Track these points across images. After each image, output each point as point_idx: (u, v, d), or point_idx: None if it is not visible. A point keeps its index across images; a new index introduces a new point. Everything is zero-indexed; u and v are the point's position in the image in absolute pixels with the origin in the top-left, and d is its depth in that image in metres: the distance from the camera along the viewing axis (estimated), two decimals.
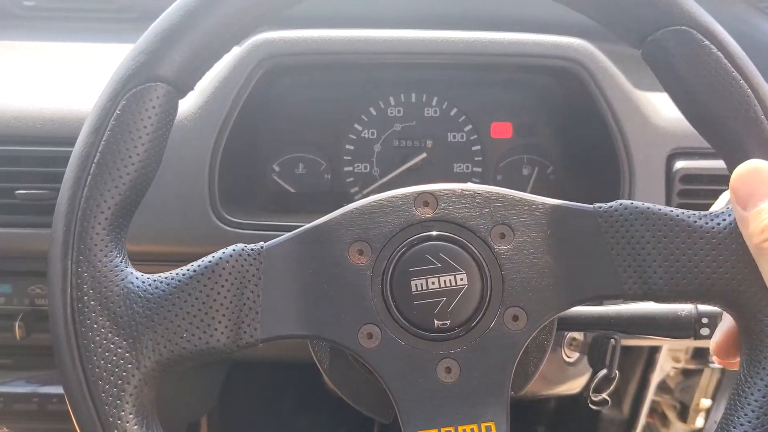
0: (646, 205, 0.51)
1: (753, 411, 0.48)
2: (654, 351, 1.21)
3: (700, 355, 1.24)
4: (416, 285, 0.51)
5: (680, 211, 0.51)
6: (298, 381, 1.44)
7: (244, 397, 1.44)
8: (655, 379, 1.26)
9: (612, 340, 0.79)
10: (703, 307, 0.66)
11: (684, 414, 1.39)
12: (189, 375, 1.20)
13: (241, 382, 1.41)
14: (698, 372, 1.31)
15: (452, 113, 0.98)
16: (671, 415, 1.43)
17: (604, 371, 0.80)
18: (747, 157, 0.49)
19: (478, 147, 0.98)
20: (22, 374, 1.00)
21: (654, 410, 1.45)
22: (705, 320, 0.66)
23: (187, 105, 0.82)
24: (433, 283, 0.51)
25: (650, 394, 1.29)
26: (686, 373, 1.35)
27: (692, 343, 1.15)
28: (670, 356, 1.25)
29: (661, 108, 0.85)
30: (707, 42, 0.49)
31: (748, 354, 0.50)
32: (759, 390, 0.48)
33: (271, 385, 1.48)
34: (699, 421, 1.38)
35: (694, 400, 1.35)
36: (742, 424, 0.48)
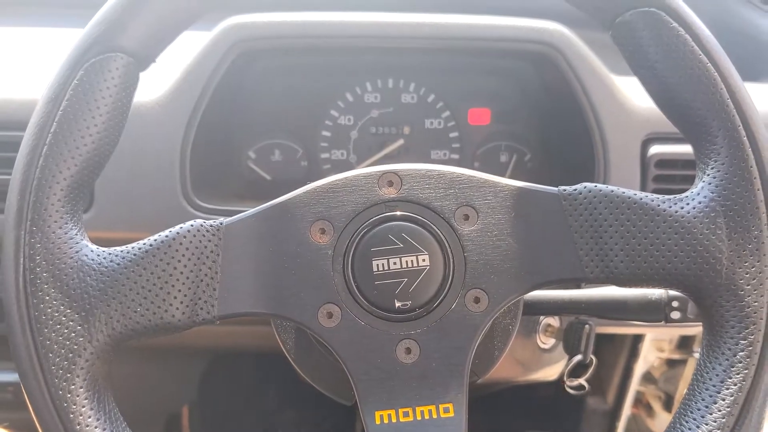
0: (611, 188, 0.51)
1: (711, 396, 0.47)
2: (637, 341, 1.20)
3: (684, 345, 1.24)
4: (378, 265, 0.51)
5: (644, 194, 0.50)
6: (280, 373, 1.44)
7: (226, 388, 1.43)
8: (639, 369, 1.26)
9: (587, 326, 0.79)
10: (675, 291, 0.66)
11: (669, 404, 1.39)
12: (166, 366, 1.20)
13: (223, 373, 1.40)
14: (682, 362, 1.31)
15: (430, 99, 0.97)
16: (656, 406, 1.43)
17: (578, 357, 0.80)
18: (713, 141, 0.49)
19: (456, 133, 0.97)
20: None
21: (639, 400, 1.45)
22: (675, 304, 0.66)
23: (157, 89, 0.82)
24: (394, 263, 0.51)
25: (634, 385, 1.29)
26: (670, 363, 1.35)
27: (665, 329, 1.15)
28: (654, 346, 1.25)
29: (637, 93, 0.85)
30: (675, 24, 0.49)
31: (708, 339, 0.49)
32: (717, 375, 0.48)
33: (254, 376, 1.48)
34: None
35: (679, 391, 1.35)
36: (699, 409, 0.48)
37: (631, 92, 0.85)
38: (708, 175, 0.49)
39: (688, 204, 0.49)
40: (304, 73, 0.96)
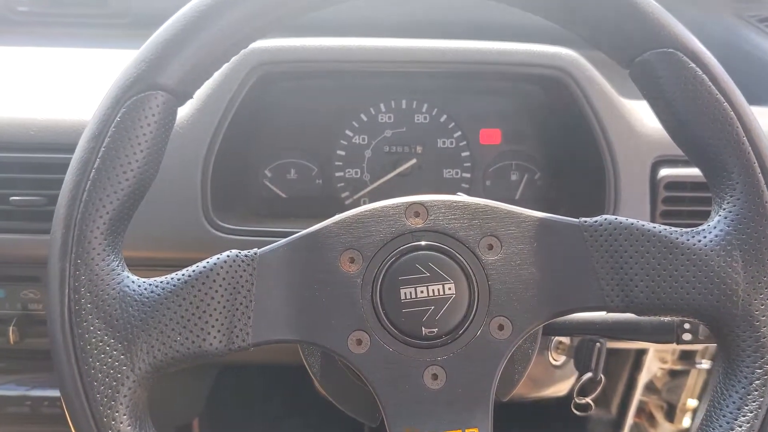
0: (630, 220, 0.53)
1: (728, 422, 0.49)
2: (641, 352, 1.22)
3: (686, 356, 1.26)
4: (405, 293, 0.53)
5: (663, 227, 0.52)
6: (288, 383, 1.46)
7: (234, 399, 1.45)
8: (643, 379, 1.28)
9: (597, 344, 0.81)
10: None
11: (671, 414, 1.40)
12: (179, 377, 1.21)
13: (231, 384, 1.41)
14: (685, 373, 1.33)
15: (442, 120, 0.99)
16: (658, 415, 1.44)
17: (589, 374, 0.82)
18: (729, 177, 0.51)
19: (468, 153, 0.99)
20: (16, 377, 1.00)
21: (641, 410, 1.46)
22: (687, 326, 0.68)
23: (180, 112, 0.82)
24: (421, 291, 0.53)
25: (638, 395, 1.30)
26: (673, 374, 1.36)
27: (676, 347, 1.17)
28: (657, 357, 1.27)
29: (646, 116, 0.87)
30: (693, 65, 0.51)
31: (725, 367, 0.51)
32: (734, 402, 0.50)
33: (262, 387, 1.49)
34: (686, 421, 1.40)
35: (681, 401, 1.37)
36: None
37: (641, 115, 0.87)
38: (724, 209, 0.51)
39: (705, 237, 0.51)
40: (320, 95, 0.98)
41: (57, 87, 0.95)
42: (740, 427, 0.49)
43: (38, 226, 0.82)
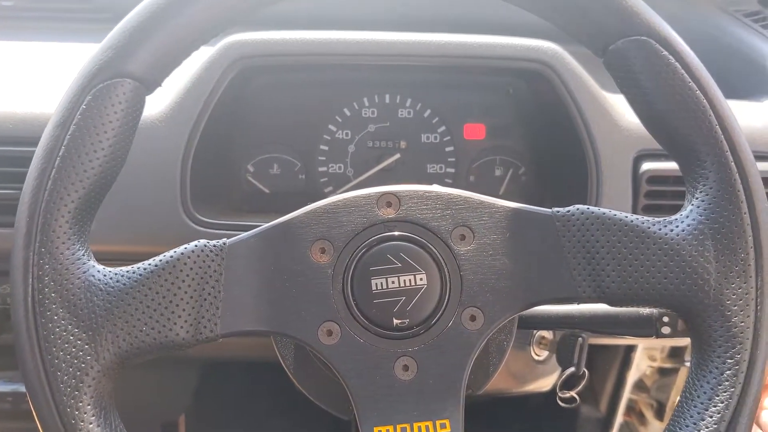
0: (602, 210, 0.52)
1: (698, 413, 0.49)
2: (630, 350, 1.22)
3: (675, 354, 1.26)
4: (376, 284, 0.52)
5: (635, 216, 0.52)
6: (275, 380, 1.45)
7: (221, 396, 1.44)
8: (632, 377, 1.28)
9: (580, 339, 0.81)
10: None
11: (661, 412, 1.40)
12: (163, 374, 1.20)
13: (218, 381, 1.41)
14: (674, 371, 1.32)
15: (426, 114, 0.99)
16: (648, 414, 1.44)
17: (571, 369, 0.82)
18: (701, 166, 0.51)
19: (452, 148, 0.99)
20: None
21: (631, 409, 1.46)
22: (666, 319, 0.67)
23: (159, 105, 0.83)
24: (393, 282, 0.52)
25: (627, 393, 1.30)
26: (663, 372, 1.36)
27: (656, 342, 1.17)
28: (646, 355, 1.27)
29: (629, 110, 0.86)
30: (665, 52, 0.51)
31: (697, 357, 0.51)
32: (705, 393, 0.49)
33: (248, 384, 1.49)
34: None
35: (671, 399, 1.36)
36: (687, 425, 0.49)
37: (624, 109, 0.86)
38: (697, 198, 0.51)
39: (677, 227, 0.51)
40: (302, 89, 0.97)
41: (37, 81, 0.94)
42: (711, 417, 0.48)
43: (12, 219, 0.81)
